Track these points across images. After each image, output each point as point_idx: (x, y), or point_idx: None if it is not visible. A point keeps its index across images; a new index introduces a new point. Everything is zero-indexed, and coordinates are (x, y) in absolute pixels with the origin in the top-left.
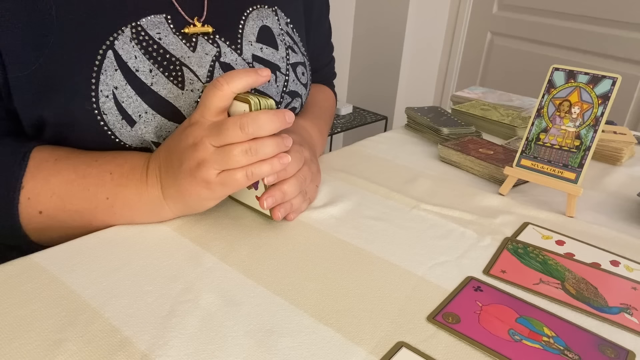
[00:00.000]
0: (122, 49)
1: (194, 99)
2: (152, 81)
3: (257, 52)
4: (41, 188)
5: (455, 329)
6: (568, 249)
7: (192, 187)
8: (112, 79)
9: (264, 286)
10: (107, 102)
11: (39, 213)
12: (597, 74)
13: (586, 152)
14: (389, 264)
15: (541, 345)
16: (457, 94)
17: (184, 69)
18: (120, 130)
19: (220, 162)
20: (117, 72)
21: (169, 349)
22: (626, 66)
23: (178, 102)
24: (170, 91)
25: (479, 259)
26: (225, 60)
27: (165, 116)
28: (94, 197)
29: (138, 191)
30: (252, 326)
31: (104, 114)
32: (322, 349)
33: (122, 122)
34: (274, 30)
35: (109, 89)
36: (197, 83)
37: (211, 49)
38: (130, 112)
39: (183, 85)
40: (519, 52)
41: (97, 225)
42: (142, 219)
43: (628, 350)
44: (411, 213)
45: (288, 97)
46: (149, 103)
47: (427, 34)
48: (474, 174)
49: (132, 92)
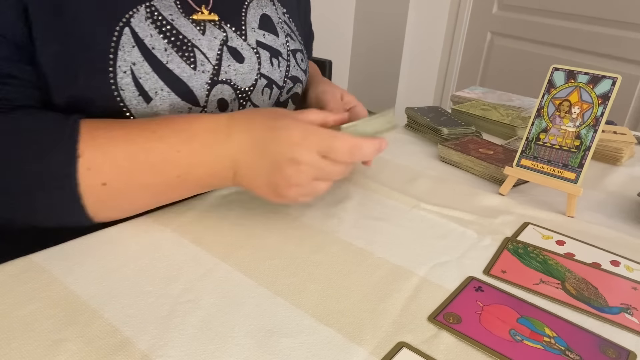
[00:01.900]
0: (138, 27)
1: (205, 80)
2: (167, 59)
3: (260, 39)
4: (102, 159)
5: (456, 329)
6: (568, 249)
7: (267, 192)
8: (130, 55)
9: (264, 286)
10: (124, 78)
11: (102, 185)
12: (597, 74)
13: (586, 152)
14: (390, 264)
15: (542, 345)
16: (457, 94)
17: (196, 50)
18: (136, 107)
19: (307, 191)
20: (135, 49)
21: (169, 349)
22: (626, 66)
23: (191, 82)
24: (184, 70)
25: (480, 259)
26: (232, 45)
27: (178, 95)
28: (163, 173)
29: (210, 171)
30: (252, 326)
31: (121, 90)
32: (322, 349)
33: (139, 98)
34: (274, 18)
35: (127, 65)
36: (208, 65)
37: (219, 34)
38: (147, 89)
39: (195, 66)
40: (519, 52)
41: (163, 200)
42: (207, 189)
43: (629, 350)
44: (411, 213)
45: (290, 82)
46: (165, 80)
47: (427, 34)
48: (474, 174)
49: (149, 68)
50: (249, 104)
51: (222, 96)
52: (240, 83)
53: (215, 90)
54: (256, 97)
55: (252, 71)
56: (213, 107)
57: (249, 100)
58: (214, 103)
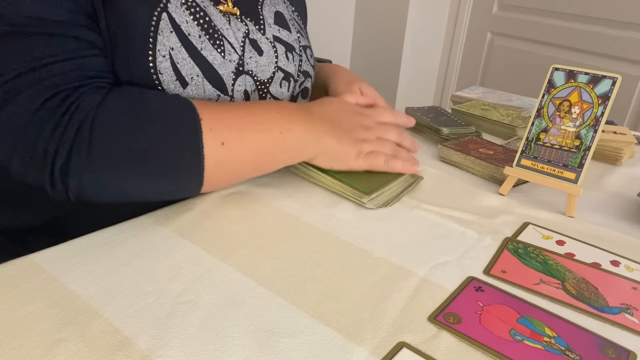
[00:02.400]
0: (175, 12)
1: (231, 69)
2: (201, 46)
3: (277, 33)
4: (219, 120)
5: (456, 329)
6: (568, 249)
7: (349, 150)
8: (168, 39)
9: (264, 286)
10: (163, 62)
11: (222, 144)
12: (597, 74)
13: (586, 152)
14: (390, 264)
15: (542, 345)
16: (457, 94)
17: (224, 39)
18: (172, 91)
19: (376, 144)
20: (173, 34)
21: (169, 349)
22: (626, 66)
23: (221, 69)
24: (215, 58)
25: (480, 259)
26: (253, 38)
27: (210, 82)
28: (269, 130)
29: (306, 128)
30: (252, 326)
31: (160, 74)
32: (322, 349)
33: (176, 82)
34: (286, 15)
35: (166, 49)
36: (234, 54)
37: (241, 26)
38: (184, 74)
39: (224, 55)
40: (519, 52)
41: (262, 164)
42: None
43: (630, 351)
44: (411, 213)
45: (302, 76)
46: (200, 66)
47: (427, 34)
48: (474, 174)
49: (186, 54)
50: (268, 95)
51: (245, 87)
52: (260, 75)
53: (240, 80)
54: (274, 88)
55: (271, 64)
56: (239, 97)
57: (268, 92)
58: (240, 93)
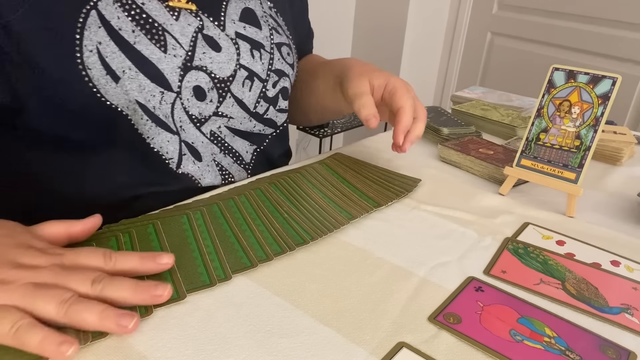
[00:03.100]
0: (105, 10)
1: (177, 65)
2: (134, 40)
3: (240, 30)
4: None
5: (456, 329)
6: (568, 249)
7: None
8: (95, 34)
9: (264, 287)
10: (91, 57)
11: None
12: (597, 74)
13: (586, 152)
14: (390, 264)
15: (542, 345)
16: (457, 94)
17: (166, 34)
18: (105, 87)
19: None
20: (101, 29)
21: (167, 350)
22: (626, 66)
23: (160, 64)
24: (153, 52)
25: (480, 259)
26: (209, 34)
27: (147, 75)
28: None
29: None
30: (251, 327)
31: (89, 69)
32: (322, 349)
33: (107, 77)
34: (257, 12)
35: (93, 44)
36: (180, 49)
37: (194, 21)
38: (114, 67)
39: (166, 49)
40: (519, 52)
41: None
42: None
43: (630, 351)
44: (411, 213)
45: (275, 75)
46: (132, 59)
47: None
48: (474, 174)
49: (116, 47)
50: (229, 94)
51: (198, 83)
52: (217, 71)
53: (190, 77)
54: (237, 88)
55: (231, 61)
56: (188, 94)
57: (229, 91)
58: (189, 90)
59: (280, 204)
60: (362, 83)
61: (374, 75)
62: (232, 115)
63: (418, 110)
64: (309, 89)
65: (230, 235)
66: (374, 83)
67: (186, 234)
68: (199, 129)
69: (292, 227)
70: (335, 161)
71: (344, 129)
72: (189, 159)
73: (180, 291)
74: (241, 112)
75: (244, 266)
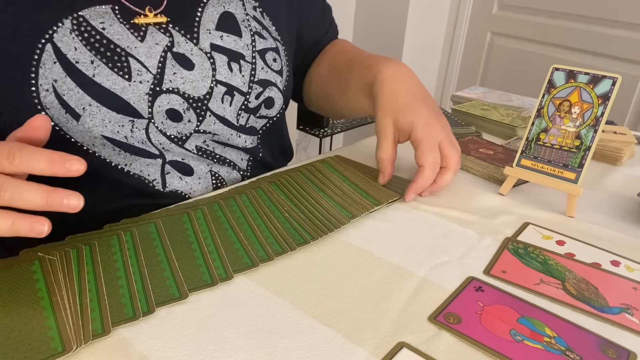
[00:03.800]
0: (61, 42)
1: (144, 91)
2: (94, 72)
3: (217, 41)
4: None
5: (456, 329)
6: (568, 249)
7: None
8: (50, 71)
9: (264, 287)
10: (47, 96)
11: None
12: (597, 74)
13: (586, 152)
14: (390, 264)
15: (543, 345)
16: (457, 94)
17: (130, 59)
18: (66, 125)
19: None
20: (56, 65)
21: (167, 350)
22: (626, 66)
23: (125, 94)
24: (115, 82)
25: (480, 259)
26: (179, 51)
27: (111, 108)
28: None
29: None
30: (252, 327)
31: (47, 109)
32: (322, 349)
33: (67, 116)
34: (238, 16)
35: (49, 82)
36: (146, 74)
37: (162, 39)
38: (72, 105)
39: (130, 77)
40: (519, 52)
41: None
42: None
43: (630, 351)
44: (411, 213)
45: (258, 86)
46: (92, 95)
47: (427, 34)
48: (474, 174)
49: (73, 84)
50: (208, 113)
51: (171, 106)
52: (191, 91)
53: (160, 101)
54: (215, 105)
55: (205, 78)
56: (162, 118)
57: (207, 109)
58: (162, 114)
59: (281, 203)
60: (385, 125)
61: (399, 118)
62: (217, 132)
63: (448, 158)
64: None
65: (231, 235)
66: (398, 126)
67: (187, 232)
68: (183, 147)
69: (292, 227)
70: (337, 159)
71: (344, 129)
72: (174, 177)
73: (182, 290)
74: (226, 129)
75: (245, 265)
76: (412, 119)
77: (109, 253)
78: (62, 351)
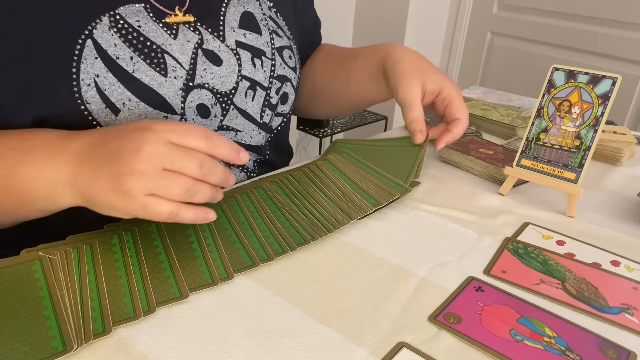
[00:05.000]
0: (101, 38)
1: (178, 87)
2: (133, 68)
3: (241, 38)
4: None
5: (456, 329)
6: (568, 249)
7: (108, 190)
8: (92, 67)
9: (264, 287)
10: (89, 91)
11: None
12: (597, 74)
13: (586, 152)
14: (390, 264)
15: (542, 345)
16: None
17: (166, 56)
18: (105, 119)
19: (156, 182)
20: (98, 60)
21: (167, 350)
22: (626, 66)
23: (162, 89)
24: (153, 78)
25: (480, 259)
26: (208, 47)
27: (149, 104)
28: None
29: (38, 170)
30: (252, 327)
31: (87, 103)
32: (322, 349)
33: (107, 110)
34: (257, 15)
35: (90, 78)
36: (180, 70)
37: (193, 37)
38: (113, 100)
39: (166, 73)
40: (519, 52)
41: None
42: (41, 203)
43: (630, 351)
44: (411, 213)
45: (277, 81)
46: (132, 90)
47: (427, 34)
48: (474, 174)
49: (114, 79)
50: (232, 107)
51: (201, 101)
52: (219, 86)
53: (192, 96)
54: (239, 99)
55: (232, 73)
56: (192, 114)
57: (232, 104)
58: (193, 109)
59: (281, 203)
60: (414, 87)
61: (427, 78)
62: (239, 127)
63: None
64: (340, 78)
65: (232, 234)
66: (426, 88)
67: (188, 232)
68: None
69: (293, 227)
70: (338, 158)
71: (344, 129)
72: None
73: (183, 290)
74: (248, 124)
75: (246, 265)
76: (441, 78)
77: (110, 252)
78: (62, 350)
